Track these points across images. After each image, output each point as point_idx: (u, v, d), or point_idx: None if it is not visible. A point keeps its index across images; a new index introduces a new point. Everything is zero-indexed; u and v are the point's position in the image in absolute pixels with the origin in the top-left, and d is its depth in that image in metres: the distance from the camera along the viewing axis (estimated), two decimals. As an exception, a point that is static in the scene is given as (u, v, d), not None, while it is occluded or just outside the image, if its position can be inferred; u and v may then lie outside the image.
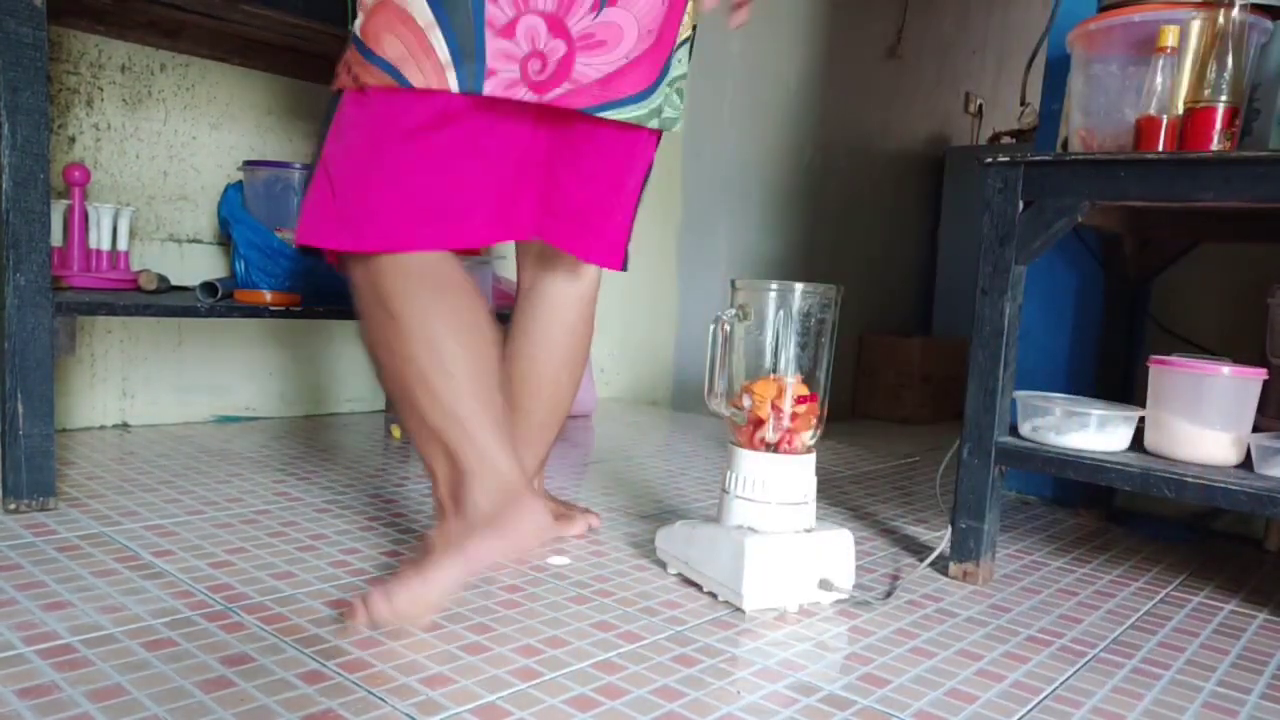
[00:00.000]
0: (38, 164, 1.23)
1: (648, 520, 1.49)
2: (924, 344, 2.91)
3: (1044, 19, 1.84)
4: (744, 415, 1.16)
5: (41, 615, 0.96)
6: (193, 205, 1.92)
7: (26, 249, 1.24)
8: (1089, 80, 1.32)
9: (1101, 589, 1.32)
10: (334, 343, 2.20)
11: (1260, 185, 1.08)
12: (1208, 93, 1.15)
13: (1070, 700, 0.95)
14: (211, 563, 1.15)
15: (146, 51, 1.81)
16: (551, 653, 0.96)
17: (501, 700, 0.85)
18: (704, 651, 1.00)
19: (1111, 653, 1.08)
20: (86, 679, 0.83)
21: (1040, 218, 1.24)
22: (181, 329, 1.94)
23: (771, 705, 0.88)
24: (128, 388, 1.88)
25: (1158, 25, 1.20)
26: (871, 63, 2.99)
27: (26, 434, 1.26)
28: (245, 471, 1.60)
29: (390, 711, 0.82)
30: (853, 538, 1.16)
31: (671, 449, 2.11)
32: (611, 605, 1.11)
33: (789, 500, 1.13)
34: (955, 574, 1.30)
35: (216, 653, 0.90)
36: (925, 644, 1.06)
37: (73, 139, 1.74)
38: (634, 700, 0.87)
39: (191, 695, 0.81)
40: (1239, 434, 1.19)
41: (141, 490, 1.44)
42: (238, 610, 1.01)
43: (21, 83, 1.21)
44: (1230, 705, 0.97)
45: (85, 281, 1.59)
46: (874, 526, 1.57)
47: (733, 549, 1.11)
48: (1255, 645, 1.14)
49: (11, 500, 1.27)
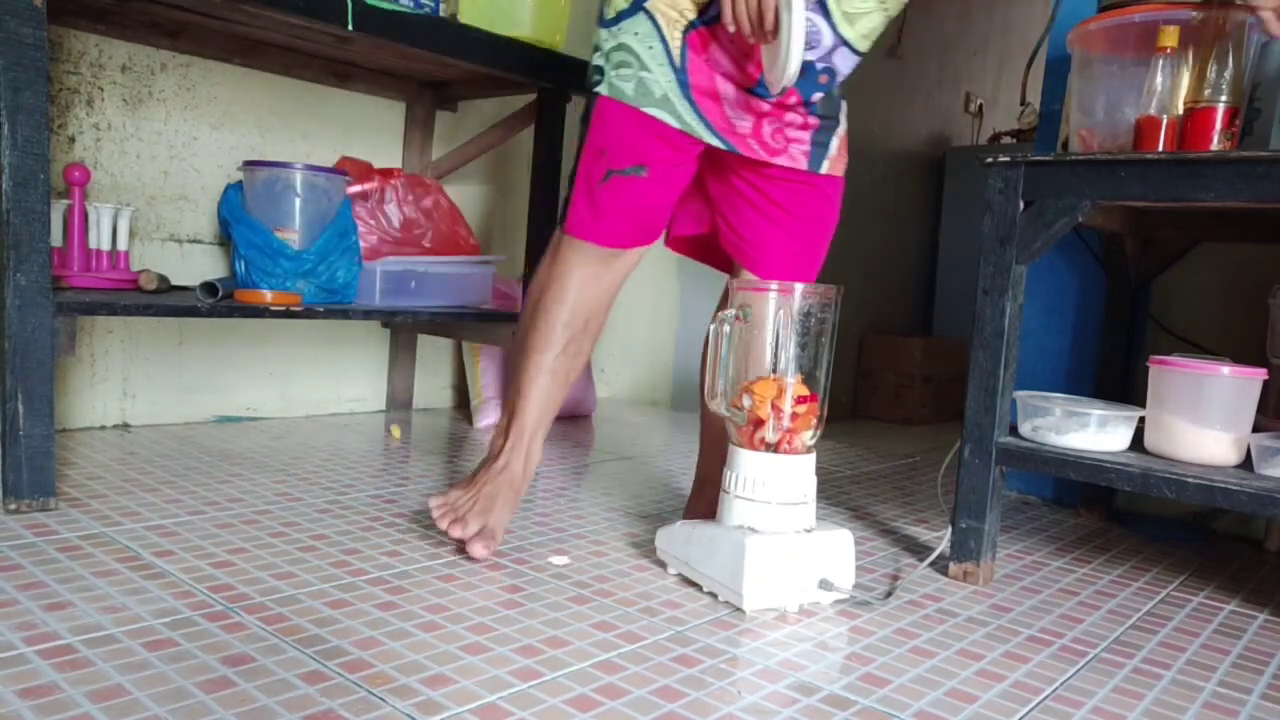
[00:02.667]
0: (38, 164, 1.23)
1: (648, 520, 1.49)
2: (924, 344, 2.91)
3: (1044, 19, 1.84)
4: (744, 415, 1.16)
5: (42, 615, 0.96)
6: (193, 205, 1.92)
7: (27, 249, 1.24)
8: (1089, 80, 1.32)
9: (1102, 589, 1.32)
10: (334, 343, 2.20)
11: (1260, 185, 1.08)
12: (1208, 93, 1.16)
13: (1071, 700, 0.95)
14: (212, 563, 1.15)
15: (147, 51, 1.81)
16: (551, 653, 0.96)
17: (502, 700, 0.85)
18: (704, 651, 1.00)
19: (1112, 653, 1.08)
20: (87, 679, 0.83)
21: (1041, 218, 1.24)
22: (182, 329, 1.94)
23: (772, 705, 0.88)
24: (128, 388, 1.88)
25: (1158, 25, 1.20)
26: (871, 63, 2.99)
27: (27, 434, 1.26)
28: (246, 472, 1.60)
29: (390, 711, 0.82)
30: (853, 538, 1.16)
31: (671, 449, 2.11)
32: (611, 605, 1.11)
33: (789, 500, 1.13)
34: (955, 574, 1.30)
35: (217, 653, 0.90)
36: (925, 644, 1.06)
37: (73, 139, 1.74)
38: (634, 700, 0.87)
39: (192, 695, 0.81)
40: (1239, 434, 1.19)
41: (142, 490, 1.44)
42: (239, 610, 1.01)
43: (22, 83, 1.21)
44: (1230, 705, 0.97)
45: (85, 281, 1.59)
46: (874, 526, 1.57)
47: (733, 549, 1.11)
48: (1255, 645, 1.14)
49: (12, 500, 1.27)
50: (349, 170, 1.89)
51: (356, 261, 1.76)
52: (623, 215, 1.24)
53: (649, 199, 1.24)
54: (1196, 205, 1.27)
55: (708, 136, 1.22)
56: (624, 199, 1.23)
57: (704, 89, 1.20)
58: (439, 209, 2.03)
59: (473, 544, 1.20)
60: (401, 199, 1.98)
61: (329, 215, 1.71)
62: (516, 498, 1.28)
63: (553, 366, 1.28)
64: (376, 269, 1.83)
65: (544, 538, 1.36)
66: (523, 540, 1.34)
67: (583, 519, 1.48)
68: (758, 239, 1.34)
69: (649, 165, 1.22)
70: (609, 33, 1.22)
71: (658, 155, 1.22)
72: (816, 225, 1.35)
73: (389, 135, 2.22)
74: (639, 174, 1.22)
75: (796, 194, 1.31)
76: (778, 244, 1.34)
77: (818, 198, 1.33)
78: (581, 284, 1.27)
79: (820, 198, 1.33)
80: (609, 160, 1.23)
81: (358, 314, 1.73)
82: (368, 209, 1.93)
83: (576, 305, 1.27)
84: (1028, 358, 1.84)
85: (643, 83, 1.19)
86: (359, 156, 2.12)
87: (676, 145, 1.22)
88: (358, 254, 1.77)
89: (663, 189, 1.25)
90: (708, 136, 1.22)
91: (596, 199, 1.24)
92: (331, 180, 1.72)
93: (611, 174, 1.23)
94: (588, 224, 1.26)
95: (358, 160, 2.02)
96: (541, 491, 1.63)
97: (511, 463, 1.28)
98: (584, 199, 1.26)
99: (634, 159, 1.22)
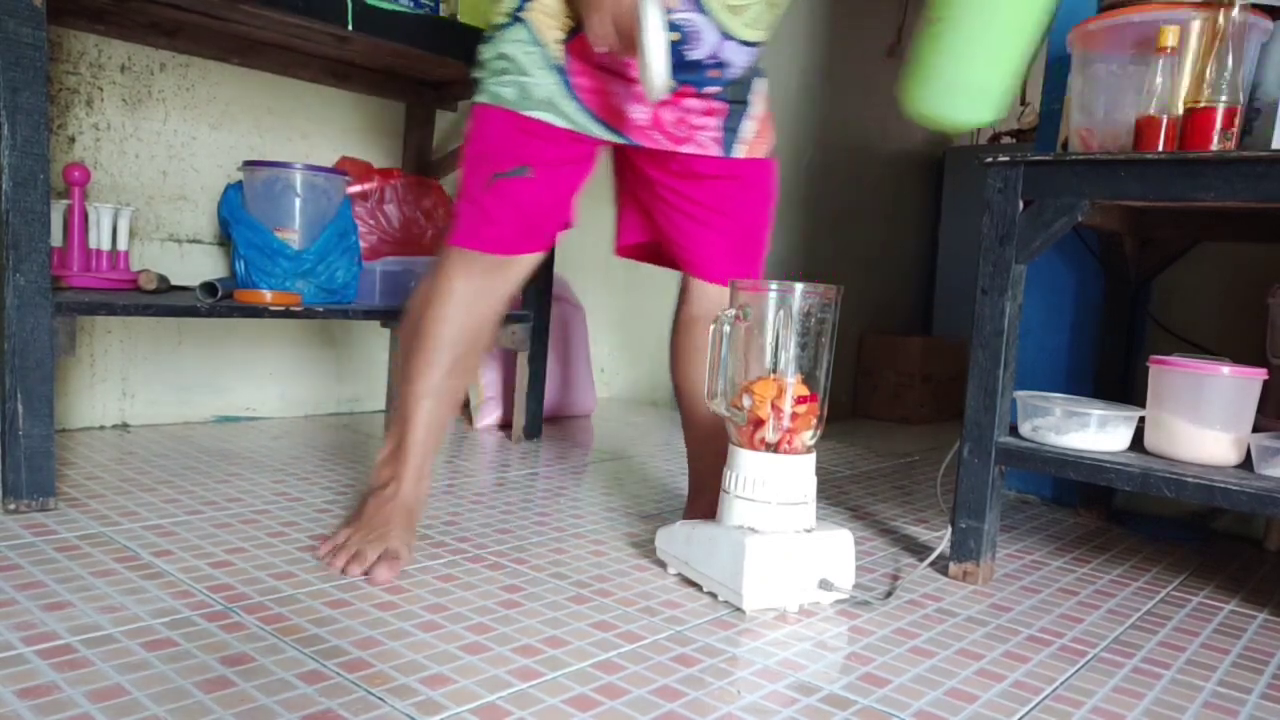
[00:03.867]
0: (38, 164, 1.23)
1: (648, 520, 1.49)
2: (924, 344, 2.91)
3: (1044, 19, 1.83)
4: (744, 415, 1.16)
5: (41, 615, 0.96)
6: (193, 205, 1.92)
7: (26, 249, 1.24)
8: (1089, 80, 1.32)
9: (1101, 588, 1.32)
10: (334, 343, 2.20)
11: (1260, 185, 1.08)
12: (1208, 93, 1.15)
13: (1070, 700, 0.95)
14: (211, 563, 1.15)
15: (146, 51, 1.81)
16: (551, 653, 0.96)
17: (501, 700, 0.85)
18: (704, 651, 1.00)
19: (1112, 652, 1.08)
20: (86, 679, 0.83)
21: (1040, 217, 1.24)
22: (181, 329, 1.94)
23: (771, 705, 0.88)
24: (127, 388, 1.88)
25: (1158, 25, 1.20)
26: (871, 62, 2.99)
27: (26, 434, 1.26)
28: (245, 472, 1.60)
29: (390, 711, 0.82)
30: (853, 538, 1.16)
31: (671, 449, 2.11)
32: (611, 605, 1.11)
33: (789, 500, 1.13)
34: (955, 574, 1.30)
35: (216, 653, 0.90)
36: (925, 644, 1.06)
37: (73, 139, 1.74)
38: (634, 700, 0.87)
39: (191, 695, 0.81)
40: (1239, 434, 1.19)
41: (141, 490, 1.44)
42: (238, 610, 1.01)
43: (21, 83, 1.21)
44: (1230, 705, 0.97)
45: (85, 281, 1.59)
46: (874, 526, 1.57)
47: (733, 549, 1.11)
48: (1255, 645, 1.14)
49: (11, 500, 1.27)
50: (349, 170, 1.89)
51: (356, 261, 1.76)
52: (510, 218, 1.21)
53: (537, 200, 1.21)
54: (1196, 205, 1.27)
55: (600, 132, 1.20)
56: (510, 201, 1.20)
57: (589, 87, 1.18)
58: (439, 209, 2.03)
59: (377, 570, 1.13)
60: (401, 199, 1.97)
61: (329, 215, 1.71)
62: (413, 521, 1.23)
63: (438, 389, 1.23)
64: (376, 269, 1.83)
65: (544, 537, 1.36)
66: (523, 540, 1.34)
67: (582, 519, 1.48)
68: (690, 242, 1.32)
69: (533, 166, 1.19)
70: (489, 45, 1.20)
71: (542, 156, 1.19)
72: (748, 216, 1.33)
73: (389, 135, 2.22)
74: (523, 174, 1.19)
75: (718, 189, 1.29)
76: (711, 244, 1.32)
77: (741, 188, 1.30)
78: (468, 301, 1.22)
79: (744, 187, 1.31)
80: (492, 164, 1.20)
81: (358, 314, 1.73)
82: (368, 209, 1.93)
83: (463, 324, 1.22)
84: (1027, 357, 1.84)
85: (524, 87, 1.17)
86: (359, 156, 2.12)
87: (562, 144, 1.19)
88: (357, 254, 1.77)
89: (550, 191, 1.21)
90: (600, 132, 1.20)
91: (483, 204, 1.21)
92: (331, 180, 1.72)
93: (496, 177, 1.19)
94: (474, 230, 1.22)
95: (358, 160, 2.02)
96: (541, 491, 1.63)
97: (402, 489, 1.22)
98: (470, 206, 1.22)
99: (517, 160, 1.19)
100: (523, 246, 1.24)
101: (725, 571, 1.12)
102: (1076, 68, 1.36)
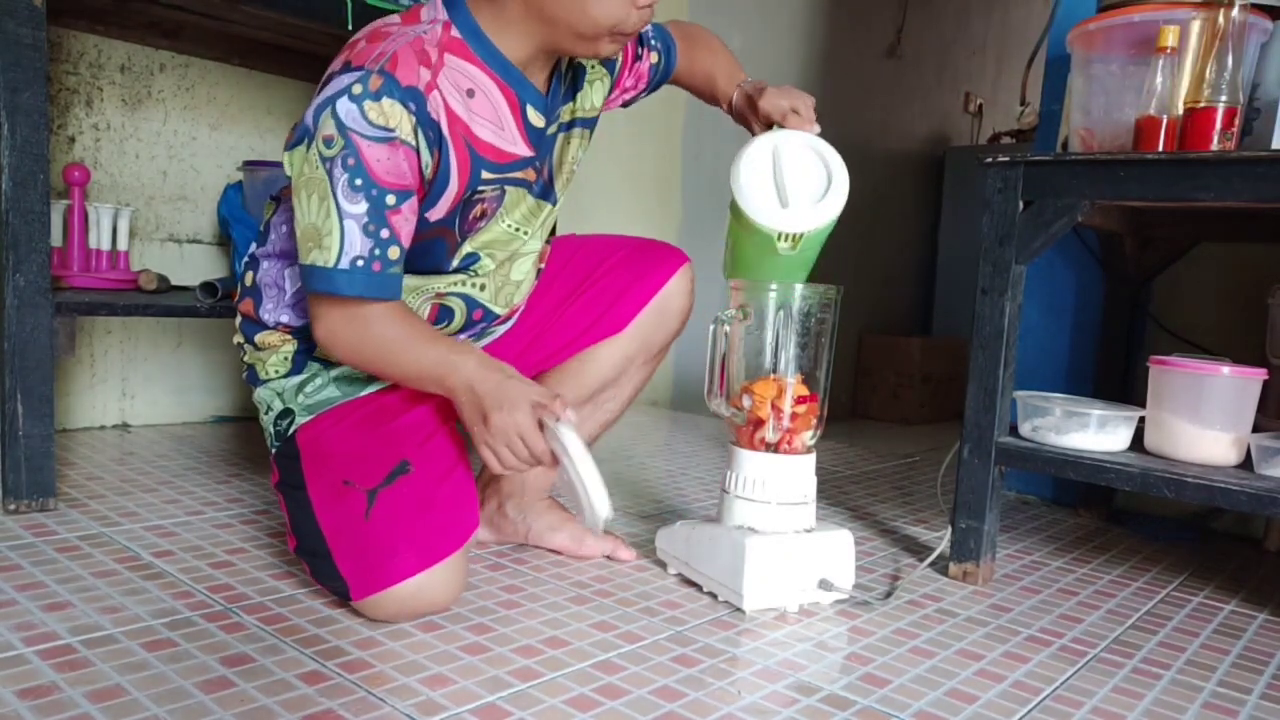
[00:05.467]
0: (38, 164, 1.23)
1: (648, 520, 1.49)
2: (924, 344, 2.91)
3: (1044, 19, 1.84)
4: (744, 415, 1.16)
5: (41, 616, 0.96)
6: (193, 205, 1.92)
7: (26, 249, 1.24)
8: (1089, 80, 1.32)
9: (1101, 589, 1.32)
10: (334, 343, 2.19)
11: (1260, 185, 1.08)
12: (1208, 93, 1.15)
13: (1070, 700, 0.95)
14: (211, 563, 1.15)
15: (146, 52, 1.81)
16: (551, 653, 0.96)
17: (501, 700, 0.85)
18: (704, 651, 1.00)
19: (1112, 652, 1.08)
20: (86, 679, 0.83)
21: (1040, 218, 1.24)
22: (181, 329, 1.94)
23: (771, 705, 0.88)
24: (127, 388, 1.88)
25: (1158, 25, 1.20)
26: (871, 63, 2.99)
27: (26, 434, 1.26)
28: (245, 472, 1.60)
29: (390, 711, 0.82)
30: (853, 538, 1.16)
31: (671, 449, 2.11)
32: (611, 605, 1.11)
33: (789, 500, 1.13)
34: (955, 574, 1.30)
35: (216, 653, 0.90)
36: (925, 644, 1.06)
37: (73, 139, 1.74)
38: (634, 700, 0.87)
39: (191, 695, 0.81)
40: (1239, 434, 1.19)
41: (141, 491, 1.44)
42: (238, 611, 1.01)
43: (21, 83, 1.21)
44: (1230, 705, 0.97)
45: (85, 282, 1.59)
46: (874, 526, 1.57)
47: (733, 549, 1.11)
48: (1255, 645, 1.14)
49: (11, 501, 1.27)
50: (348, 170, 1.89)
51: (356, 261, 1.76)
52: (409, 534, 0.99)
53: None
54: (1196, 205, 1.27)
55: None
56: (403, 518, 1.00)
57: None
58: (438, 209, 2.03)
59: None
60: (401, 199, 1.97)
61: (328, 215, 1.71)
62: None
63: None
64: (376, 269, 1.82)
65: (544, 538, 1.36)
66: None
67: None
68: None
69: (409, 457, 1.02)
70: (294, 380, 1.11)
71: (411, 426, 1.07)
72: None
73: (388, 135, 2.22)
74: (405, 472, 1.01)
75: None
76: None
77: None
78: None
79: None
80: (358, 480, 1.01)
81: (357, 314, 1.72)
82: (367, 209, 1.92)
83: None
84: (1027, 357, 1.84)
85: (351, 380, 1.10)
86: (358, 156, 2.11)
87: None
88: (357, 254, 1.76)
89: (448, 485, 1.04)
90: None
91: (367, 536, 0.99)
92: (331, 180, 1.71)
93: (374, 494, 0.99)
94: (373, 571, 0.97)
95: (357, 160, 2.01)
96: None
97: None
98: (350, 549, 0.99)
99: (389, 460, 1.02)
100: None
101: (725, 571, 1.12)
102: (1076, 68, 1.36)
